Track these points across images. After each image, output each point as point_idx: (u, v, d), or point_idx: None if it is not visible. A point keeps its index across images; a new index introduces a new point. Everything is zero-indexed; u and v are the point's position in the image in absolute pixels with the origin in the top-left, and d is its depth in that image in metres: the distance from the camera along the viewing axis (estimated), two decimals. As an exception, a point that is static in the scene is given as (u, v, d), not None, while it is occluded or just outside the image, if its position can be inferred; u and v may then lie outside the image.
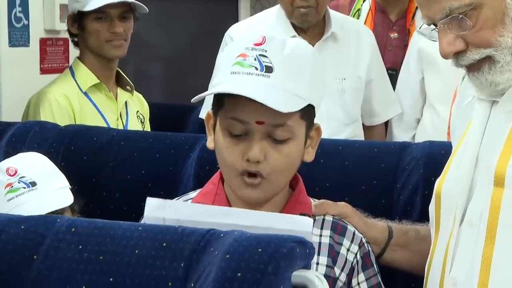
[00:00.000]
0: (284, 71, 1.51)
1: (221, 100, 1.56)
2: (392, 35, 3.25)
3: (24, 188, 1.96)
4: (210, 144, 1.62)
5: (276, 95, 1.49)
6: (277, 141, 1.53)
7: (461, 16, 1.40)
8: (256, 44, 1.53)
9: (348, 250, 1.59)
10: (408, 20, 3.22)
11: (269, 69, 1.51)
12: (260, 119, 1.51)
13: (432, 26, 1.45)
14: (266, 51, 1.52)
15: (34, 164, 2.02)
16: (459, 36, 1.42)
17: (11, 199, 1.95)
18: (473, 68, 1.44)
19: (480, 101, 1.50)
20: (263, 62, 1.51)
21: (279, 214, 1.48)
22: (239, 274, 1.15)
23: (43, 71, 3.15)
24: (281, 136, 1.53)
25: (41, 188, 1.96)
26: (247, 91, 1.48)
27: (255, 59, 1.51)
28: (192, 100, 1.59)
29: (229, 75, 1.53)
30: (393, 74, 3.14)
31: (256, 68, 1.51)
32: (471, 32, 1.41)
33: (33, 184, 1.96)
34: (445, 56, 1.43)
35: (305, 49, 1.58)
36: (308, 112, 1.57)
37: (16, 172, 1.97)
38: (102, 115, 2.71)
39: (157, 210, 1.40)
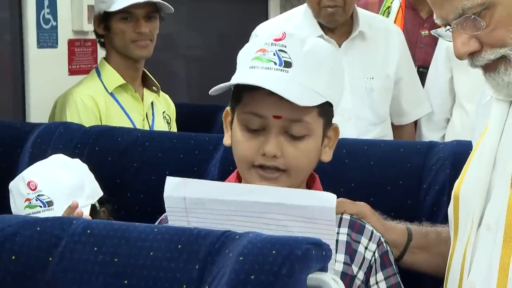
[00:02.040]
0: (303, 67, 1.51)
1: (239, 95, 1.56)
2: (423, 33, 3.21)
3: (41, 207, 2.00)
4: (227, 140, 1.61)
5: (294, 89, 1.49)
6: (294, 137, 1.53)
7: (474, 16, 1.38)
8: (276, 40, 1.53)
9: (366, 248, 1.57)
10: (440, 17, 3.16)
11: (288, 64, 1.51)
12: (278, 113, 1.51)
13: (447, 27, 1.43)
14: (285, 46, 1.52)
15: (55, 180, 2.04)
16: (473, 36, 1.40)
17: (28, 214, 1.99)
18: (489, 68, 1.42)
19: (498, 101, 1.48)
20: (282, 57, 1.51)
21: (302, 190, 1.47)
22: (252, 277, 1.13)
23: (72, 72, 3.15)
24: (298, 132, 1.52)
25: (56, 208, 1.99)
26: (264, 83, 1.48)
27: (274, 54, 1.51)
28: (210, 92, 1.58)
29: (247, 69, 1.53)
30: (424, 72, 3.10)
31: (275, 63, 1.50)
32: (485, 32, 1.39)
33: (50, 204, 2.00)
34: (459, 56, 1.42)
35: (325, 47, 1.57)
36: (326, 110, 1.56)
37: (36, 187, 2.01)
38: (128, 116, 2.71)
39: (178, 189, 1.40)
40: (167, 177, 1.40)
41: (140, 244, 1.25)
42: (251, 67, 1.52)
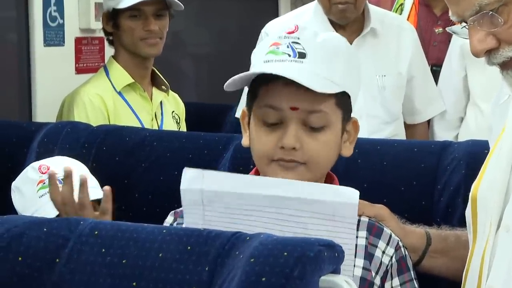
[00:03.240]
0: (317, 57, 1.50)
1: (254, 90, 1.55)
2: (436, 30, 3.18)
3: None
4: (245, 141, 1.59)
5: (310, 78, 1.47)
6: (313, 129, 1.51)
7: (491, 12, 1.35)
8: (289, 33, 1.52)
9: (383, 252, 1.54)
10: (454, 14, 3.13)
11: (302, 55, 1.50)
12: (294, 104, 1.49)
13: (463, 24, 1.41)
14: (298, 38, 1.51)
15: (66, 163, 2.02)
16: (490, 33, 1.37)
17: (43, 195, 1.96)
18: (506, 66, 1.40)
19: None
20: (296, 48, 1.50)
21: (323, 185, 1.45)
22: (263, 279, 1.12)
23: (78, 70, 3.13)
24: (317, 123, 1.50)
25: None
26: (280, 71, 1.47)
27: (287, 46, 1.50)
28: (224, 87, 1.57)
29: (262, 64, 1.52)
30: (437, 71, 3.08)
31: (289, 55, 1.50)
32: (502, 28, 1.36)
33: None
34: (476, 54, 1.39)
35: (338, 38, 1.57)
36: (343, 101, 1.54)
37: (48, 169, 1.97)
38: (137, 116, 2.68)
39: (195, 182, 1.39)
40: (185, 168, 1.39)
41: (149, 245, 1.23)
42: (265, 61, 1.51)
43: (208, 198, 1.38)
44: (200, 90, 4.45)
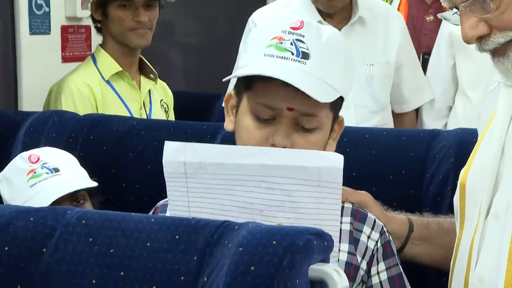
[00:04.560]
0: (320, 60, 1.48)
1: (250, 82, 1.52)
2: (428, 19, 3.17)
3: (47, 173, 1.94)
4: (229, 125, 1.58)
5: (312, 84, 1.46)
6: (305, 129, 1.50)
7: None
8: (294, 28, 1.49)
9: (368, 237, 1.54)
10: (445, 2, 3.13)
11: (305, 56, 1.47)
12: (292, 105, 1.48)
13: (455, 10, 1.40)
14: (303, 36, 1.48)
15: (56, 153, 2.01)
16: (482, 20, 1.36)
17: (34, 184, 1.93)
18: (498, 52, 1.39)
19: (507, 87, 1.44)
20: (300, 47, 1.48)
21: (307, 151, 1.43)
22: (252, 268, 1.11)
23: (65, 59, 3.11)
24: (310, 125, 1.50)
25: (64, 174, 1.95)
26: (282, 75, 1.44)
27: (291, 44, 1.48)
28: (223, 80, 1.56)
29: (262, 57, 1.49)
30: (428, 59, 3.06)
31: (292, 53, 1.47)
32: (494, 15, 1.35)
33: (56, 170, 1.95)
34: (467, 40, 1.38)
35: (339, 39, 1.55)
36: (336, 104, 1.54)
37: (38, 159, 1.96)
38: (125, 104, 2.66)
39: (177, 154, 1.38)
40: (166, 141, 1.39)
41: (137, 235, 1.22)
42: (266, 54, 1.48)
43: (191, 169, 1.37)
44: (188, 79, 4.44)
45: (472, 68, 2.88)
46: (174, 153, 1.38)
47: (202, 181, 1.38)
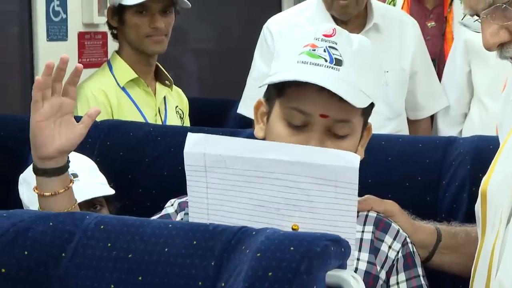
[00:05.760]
0: (353, 66, 1.49)
1: (282, 88, 1.52)
2: (429, 24, 3.17)
3: None
4: (259, 133, 1.58)
5: (347, 89, 1.46)
6: (338, 136, 1.51)
7: (505, 5, 1.35)
8: (326, 35, 1.50)
9: (390, 247, 1.54)
10: (446, 8, 3.15)
11: (338, 62, 1.48)
12: (325, 112, 1.48)
13: (475, 17, 1.40)
14: (336, 43, 1.50)
15: (75, 158, 2.01)
16: (503, 27, 1.36)
17: None
18: None
19: None
20: (333, 54, 1.49)
21: (324, 149, 1.44)
22: (270, 274, 1.11)
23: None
24: (342, 132, 1.51)
25: (82, 180, 1.95)
26: (320, 82, 1.45)
27: (324, 51, 1.49)
28: (259, 87, 1.57)
29: (295, 64, 1.49)
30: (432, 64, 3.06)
31: (326, 60, 1.48)
32: None
33: (75, 175, 1.95)
34: (488, 48, 1.38)
35: (369, 46, 1.55)
36: (368, 110, 1.55)
37: None
38: (140, 111, 2.67)
39: (198, 145, 1.39)
40: (188, 133, 1.41)
41: (155, 240, 1.22)
42: (299, 61, 1.49)
43: (211, 162, 1.38)
44: (203, 85, 4.45)
45: (487, 74, 2.87)
46: (195, 144, 1.39)
47: (221, 177, 1.39)
